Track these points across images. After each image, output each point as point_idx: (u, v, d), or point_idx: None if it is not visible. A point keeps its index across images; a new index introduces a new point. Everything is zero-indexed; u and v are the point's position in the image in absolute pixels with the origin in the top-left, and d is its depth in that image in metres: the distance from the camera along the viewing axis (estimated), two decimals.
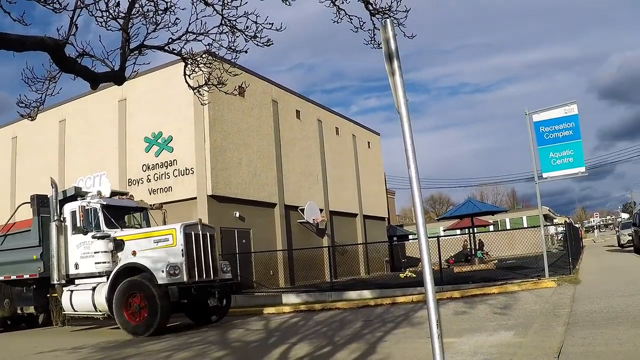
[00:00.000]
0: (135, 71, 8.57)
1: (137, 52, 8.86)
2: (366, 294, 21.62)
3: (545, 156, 19.65)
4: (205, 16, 9.41)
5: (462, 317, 13.29)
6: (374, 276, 36.79)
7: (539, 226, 21.00)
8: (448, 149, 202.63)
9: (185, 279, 16.33)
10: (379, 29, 7.29)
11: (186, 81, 10.65)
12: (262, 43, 9.74)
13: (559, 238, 51.69)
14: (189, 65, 10.50)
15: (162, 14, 9.41)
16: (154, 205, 21.31)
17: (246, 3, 9.22)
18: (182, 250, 16.56)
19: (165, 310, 16.00)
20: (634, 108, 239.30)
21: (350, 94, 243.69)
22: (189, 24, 9.32)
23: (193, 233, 17.16)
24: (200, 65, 10.54)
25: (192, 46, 10.20)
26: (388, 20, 7.03)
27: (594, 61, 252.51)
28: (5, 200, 36.56)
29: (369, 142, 51.83)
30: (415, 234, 7.21)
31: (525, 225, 59.63)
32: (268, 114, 35.28)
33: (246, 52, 9.94)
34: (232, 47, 9.80)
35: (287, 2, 9.44)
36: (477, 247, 33.35)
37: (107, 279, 17.10)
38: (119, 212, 19.06)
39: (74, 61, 7.12)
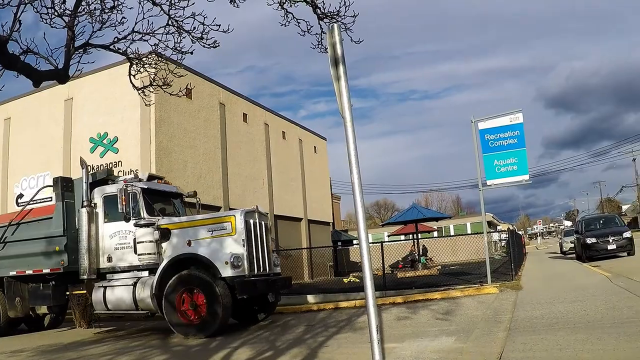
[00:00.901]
0: (79, 70, 8.45)
1: (82, 50, 8.74)
2: (309, 298, 21.54)
3: (489, 164, 19.83)
4: (152, 16, 9.32)
5: (404, 323, 13.34)
6: (318, 281, 36.73)
7: (482, 233, 21.17)
8: (395, 155, 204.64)
9: (247, 271, 14.84)
10: (326, 33, 7.29)
11: (131, 81, 10.55)
12: (209, 45, 9.69)
13: (502, 245, 52.30)
14: (134, 66, 10.40)
15: (108, 12, 9.30)
16: (189, 192, 19.35)
17: (193, 4, 9.16)
18: (242, 239, 14.96)
19: (228, 307, 14.35)
20: (579, 118, 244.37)
21: (300, 98, 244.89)
22: (135, 23, 9.23)
23: (252, 221, 15.58)
24: (145, 66, 10.45)
25: (138, 46, 10.10)
26: (335, 25, 7.04)
27: (542, 71, 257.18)
28: None
29: (315, 147, 51.86)
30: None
31: (469, 232, 60.19)
32: (215, 116, 35.06)
33: (192, 53, 9.88)
34: (178, 48, 9.72)
35: (234, 3, 9.40)
36: (421, 253, 33.54)
37: (149, 272, 15.60)
38: (159, 198, 17.28)
39: (17, 58, 7.00)
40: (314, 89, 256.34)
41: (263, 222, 16.30)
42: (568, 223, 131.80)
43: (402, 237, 43.12)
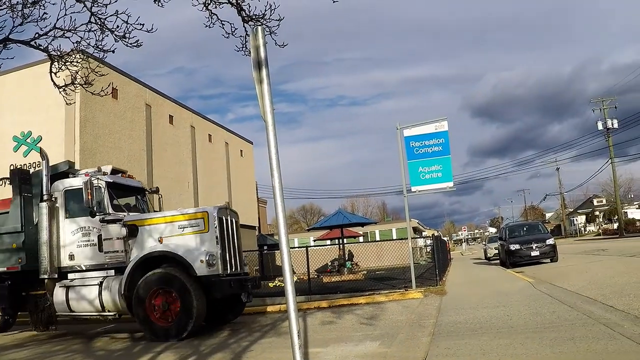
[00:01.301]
0: None
1: (1, 45, 8.50)
2: None
3: (414, 170, 19.96)
4: (75, 12, 9.12)
5: (328, 327, 13.29)
6: None
7: (407, 238, 21.27)
8: (322, 160, 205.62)
9: (220, 270, 14.02)
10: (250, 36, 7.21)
11: (52, 79, 10.31)
12: (131, 44, 9.52)
13: (427, 250, 52.80)
14: (55, 63, 10.16)
15: (30, 7, 9.07)
16: (151, 188, 18.52)
17: (116, 1, 8.99)
18: (216, 237, 14.12)
19: (202, 308, 13.58)
20: (504, 127, 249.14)
21: (228, 101, 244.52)
22: (57, 19, 9.03)
23: (224, 218, 14.76)
24: (67, 64, 10.21)
25: (60, 43, 9.88)
26: (259, 27, 6.97)
27: (469, 80, 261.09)
28: None
29: (241, 151, 51.79)
30: None
31: (394, 237, 60.56)
32: (141, 117, 34.68)
33: (113, 52, 9.72)
34: (100, 46, 9.53)
35: (159, 3, 9.24)
36: (347, 258, 33.60)
37: (116, 271, 14.56)
38: (123, 193, 16.27)
39: None
40: (242, 92, 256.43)
41: (234, 220, 15.64)
42: (493, 230, 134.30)
43: (328, 242, 43.20)
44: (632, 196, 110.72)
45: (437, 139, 19.84)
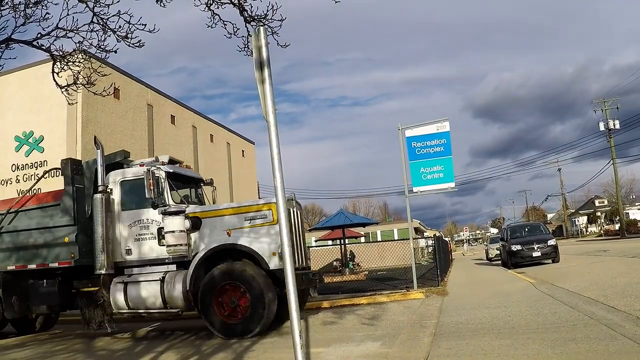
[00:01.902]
0: (0, 66, 8.24)
1: (4, 46, 8.52)
2: None
3: (416, 171, 19.92)
4: (77, 12, 9.14)
5: (330, 327, 13.28)
6: None
7: (409, 239, 21.24)
8: (324, 161, 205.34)
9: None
10: (252, 37, 7.22)
11: (54, 79, 10.32)
12: (133, 44, 9.53)
13: (429, 251, 52.78)
14: (57, 63, 10.17)
15: (32, 7, 9.09)
16: (207, 179, 17.69)
17: (118, 1, 9.00)
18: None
19: (273, 304, 12.78)
20: (506, 127, 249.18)
21: (231, 101, 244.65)
22: (60, 19, 9.04)
23: (290, 210, 13.92)
24: (69, 64, 10.23)
25: (62, 43, 9.90)
26: (261, 28, 6.99)
27: (471, 81, 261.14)
28: None
29: (243, 151, 51.77)
30: None
31: (396, 238, 60.51)
32: (142, 117, 34.68)
33: (115, 52, 9.73)
34: (103, 47, 9.55)
35: (161, 3, 9.25)
36: (348, 258, 33.57)
37: (177, 266, 13.91)
38: (181, 184, 15.49)
39: None
40: (245, 92, 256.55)
41: (298, 211, 15.09)
42: (494, 230, 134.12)
43: (330, 242, 43.16)
44: (634, 197, 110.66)
45: (438, 140, 19.79)
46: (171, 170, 14.70)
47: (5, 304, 15.34)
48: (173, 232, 13.51)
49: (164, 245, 13.75)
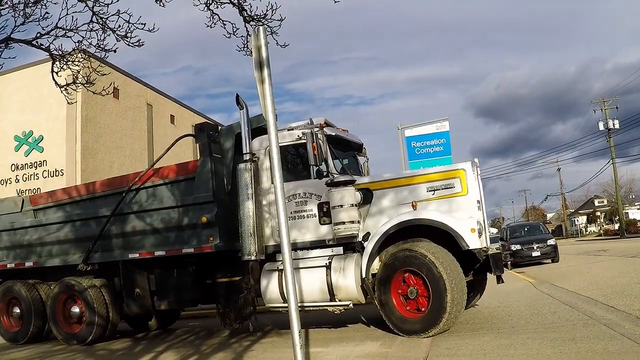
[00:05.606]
0: (0, 65, 8.25)
1: (3, 45, 8.52)
2: None
3: None
4: (76, 12, 9.15)
5: (329, 327, 13.27)
6: None
7: None
8: None
9: (484, 243, 11.05)
10: (251, 36, 7.23)
11: (53, 78, 10.33)
12: (133, 43, 9.53)
13: None
14: (57, 63, 10.18)
15: (32, 6, 9.10)
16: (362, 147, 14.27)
17: (118, 1, 9.01)
18: (478, 201, 10.99)
19: (461, 297, 10.42)
20: (507, 127, 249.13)
21: (235, 100, 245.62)
22: (59, 19, 9.05)
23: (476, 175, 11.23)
24: (69, 63, 10.24)
25: (61, 43, 9.91)
26: (261, 27, 7.00)
27: (474, 80, 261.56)
28: None
29: None
30: None
31: None
32: (142, 117, 34.64)
33: (115, 51, 9.73)
34: (102, 46, 9.55)
35: (160, 2, 9.27)
36: None
37: (344, 249, 11.46)
38: (342, 151, 12.89)
39: None
40: (250, 91, 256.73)
41: (481, 181, 11.87)
42: (494, 230, 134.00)
43: None
44: (634, 197, 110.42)
45: (438, 139, 19.73)
46: (333, 134, 12.23)
47: (127, 298, 13.55)
48: (340, 206, 11.05)
49: (325, 223, 11.58)
